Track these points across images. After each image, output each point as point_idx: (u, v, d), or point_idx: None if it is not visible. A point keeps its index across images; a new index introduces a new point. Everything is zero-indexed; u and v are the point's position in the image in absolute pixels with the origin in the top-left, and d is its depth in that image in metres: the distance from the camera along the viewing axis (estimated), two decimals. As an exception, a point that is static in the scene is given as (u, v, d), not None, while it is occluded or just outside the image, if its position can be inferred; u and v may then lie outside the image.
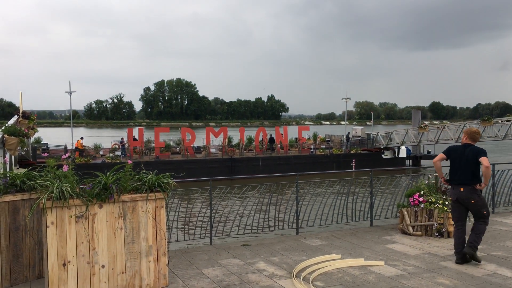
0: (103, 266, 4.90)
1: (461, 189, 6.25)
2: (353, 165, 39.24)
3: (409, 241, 7.52)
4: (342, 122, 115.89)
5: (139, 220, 5.07)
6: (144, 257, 5.11)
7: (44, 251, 4.79)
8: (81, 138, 37.56)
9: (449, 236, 7.66)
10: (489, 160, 6.21)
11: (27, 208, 5.40)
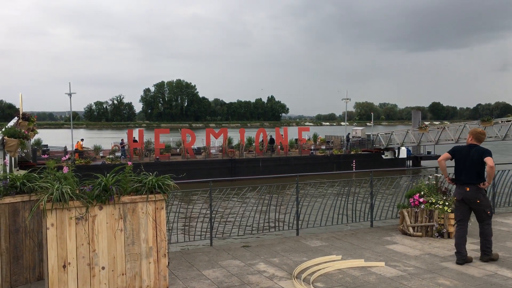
0: (103, 268, 4.89)
1: (467, 189, 6.31)
2: (353, 166, 39.23)
3: (409, 241, 7.52)
4: (342, 123, 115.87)
5: (139, 222, 5.07)
6: (144, 259, 5.11)
7: (44, 253, 4.78)
8: (81, 139, 37.59)
9: (449, 236, 7.66)
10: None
11: (27, 210, 5.40)
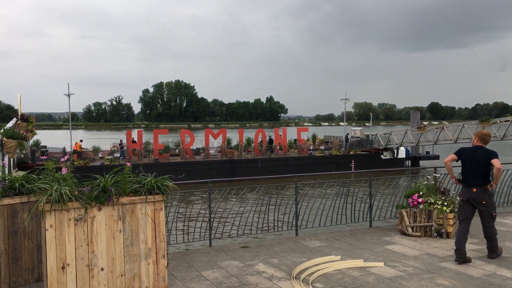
0: (102, 269, 4.89)
1: (474, 190, 6.37)
2: (352, 166, 39.25)
3: (408, 242, 7.52)
4: (341, 123, 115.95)
5: (138, 223, 5.07)
6: (143, 260, 5.10)
7: (43, 254, 4.78)
8: (80, 140, 37.56)
9: (448, 236, 7.67)
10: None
11: (26, 211, 5.39)
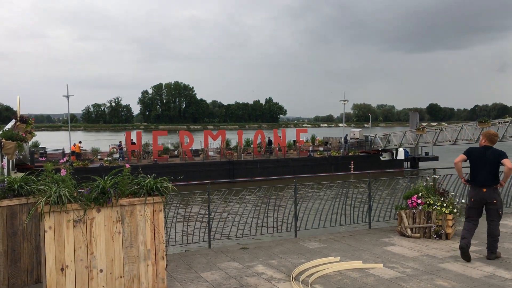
0: (101, 271, 4.88)
1: (484, 190, 6.43)
2: (351, 167, 39.27)
3: (407, 243, 7.53)
4: (340, 125, 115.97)
5: (137, 224, 5.06)
6: (142, 261, 5.10)
7: (42, 256, 4.77)
8: (79, 142, 37.54)
9: (447, 238, 7.67)
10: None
11: (25, 213, 5.39)
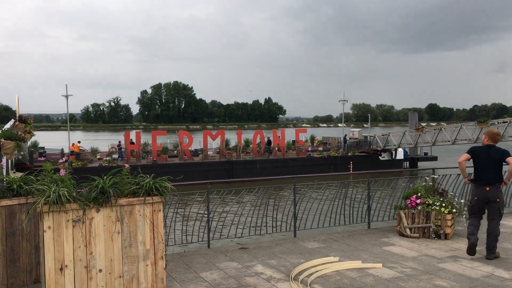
0: (100, 271, 4.88)
1: (487, 189, 6.48)
2: (351, 167, 39.29)
3: (406, 243, 7.53)
4: (339, 125, 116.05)
5: (137, 224, 5.06)
6: (141, 261, 5.10)
7: (41, 256, 4.76)
8: (78, 142, 37.52)
9: (446, 238, 7.68)
10: None
11: (24, 213, 5.38)
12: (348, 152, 41.26)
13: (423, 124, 48.94)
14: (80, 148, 36.47)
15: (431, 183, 8.22)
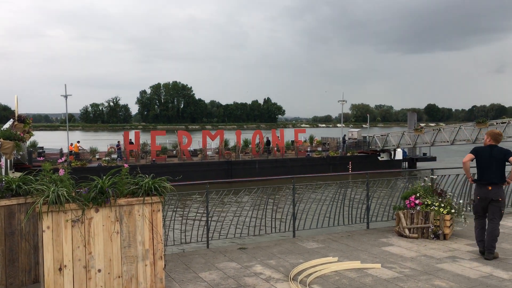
0: (99, 271, 4.88)
1: (489, 188, 6.53)
2: (350, 168, 39.31)
3: (405, 243, 7.54)
4: (338, 125, 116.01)
5: (136, 224, 5.06)
6: (140, 261, 5.10)
7: (40, 256, 4.76)
8: (78, 142, 37.48)
9: (445, 238, 7.69)
10: None
11: (23, 213, 5.38)
12: (347, 153, 41.28)
13: (422, 125, 48.94)
14: (79, 148, 36.43)
15: (430, 184, 8.23)
